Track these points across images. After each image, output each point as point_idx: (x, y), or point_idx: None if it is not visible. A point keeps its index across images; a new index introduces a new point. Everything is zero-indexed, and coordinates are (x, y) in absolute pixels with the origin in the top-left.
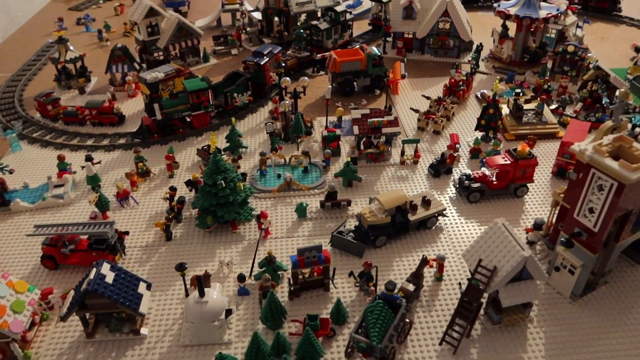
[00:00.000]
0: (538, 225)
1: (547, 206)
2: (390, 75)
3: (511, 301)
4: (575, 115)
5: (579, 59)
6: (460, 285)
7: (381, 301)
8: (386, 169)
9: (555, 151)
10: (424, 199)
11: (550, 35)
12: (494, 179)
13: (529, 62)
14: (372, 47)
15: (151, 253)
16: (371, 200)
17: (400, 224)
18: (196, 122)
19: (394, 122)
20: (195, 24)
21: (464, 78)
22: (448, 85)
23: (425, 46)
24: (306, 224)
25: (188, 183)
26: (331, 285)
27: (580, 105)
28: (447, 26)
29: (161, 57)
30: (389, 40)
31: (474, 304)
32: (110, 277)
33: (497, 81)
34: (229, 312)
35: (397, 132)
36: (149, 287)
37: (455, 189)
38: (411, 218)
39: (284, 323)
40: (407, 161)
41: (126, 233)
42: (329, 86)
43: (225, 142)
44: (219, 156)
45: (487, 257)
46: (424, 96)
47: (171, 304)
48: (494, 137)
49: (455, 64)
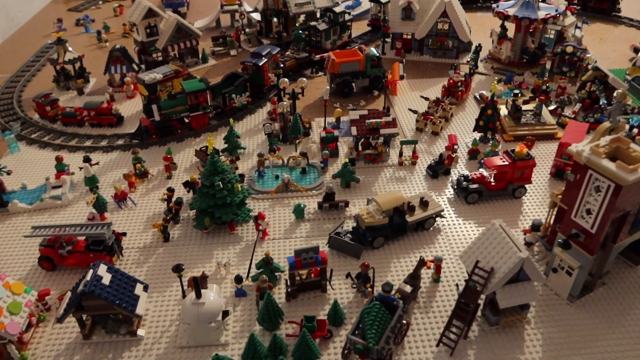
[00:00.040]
0: (536, 227)
1: (545, 207)
2: (389, 76)
3: (508, 302)
4: (573, 116)
5: (577, 59)
6: (457, 286)
7: (378, 302)
8: (384, 170)
9: (553, 152)
10: (421, 200)
11: (549, 36)
12: (492, 180)
13: (527, 63)
14: (370, 48)
15: (149, 254)
16: (369, 202)
17: (397, 225)
18: (194, 123)
19: (391, 123)
20: (194, 24)
21: (463, 79)
22: (446, 86)
23: (424, 47)
24: (304, 225)
25: (186, 184)
26: (328, 287)
27: (579, 106)
28: (446, 27)
29: (160, 58)
30: (388, 41)
31: (471, 306)
32: (107, 279)
33: (496, 82)
34: (225, 314)
35: (395, 133)
36: (145, 289)
37: (453, 190)
38: (409, 219)
39: (281, 324)
40: (405, 162)
41: (124, 234)
42: (327, 87)
43: (223, 143)
44: (217, 157)
45: (485, 259)
46: (423, 97)
47: (168, 305)
48: (492, 138)
49: (454, 64)
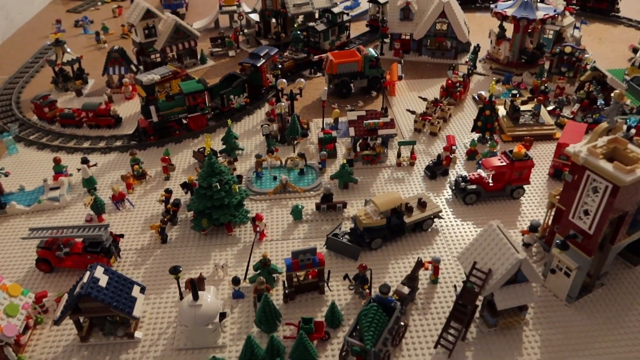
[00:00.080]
0: (534, 227)
1: (543, 208)
2: (387, 77)
3: (506, 304)
4: (572, 117)
5: (576, 60)
6: (455, 288)
7: (375, 304)
8: (382, 170)
9: (552, 152)
10: (419, 200)
11: (547, 36)
12: (490, 180)
13: (526, 63)
14: (369, 49)
15: (146, 256)
16: (366, 203)
17: (395, 226)
18: (192, 124)
19: (389, 124)
20: (193, 25)
21: (461, 79)
22: (445, 86)
23: (423, 47)
24: (302, 227)
25: (184, 185)
26: (326, 288)
27: (577, 106)
28: (445, 27)
29: (158, 59)
30: (387, 41)
31: (469, 307)
32: (103, 281)
33: (494, 82)
34: (223, 316)
35: (393, 134)
36: (143, 291)
37: (452, 190)
38: (407, 220)
39: (278, 326)
40: (403, 163)
41: (121, 236)
42: (325, 88)
43: (221, 144)
44: (214, 159)
45: (482, 260)
46: (421, 97)
47: (166, 307)
48: (491, 138)
49: (452, 65)
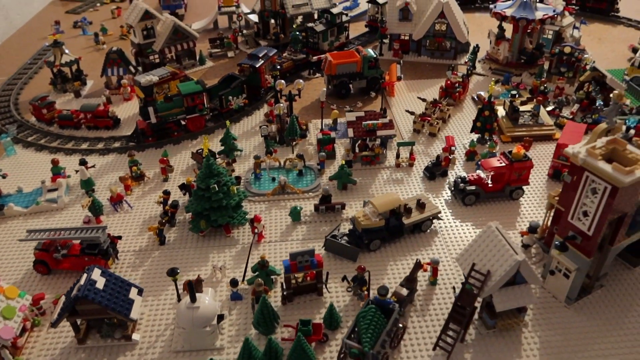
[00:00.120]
0: (533, 229)
1: (542, 209)
2: (386, 77)
3: (505, 306)
4: (571, 117)
5: (575, 60)
6: (454, 289)
7: (374, 306)
8: (381, 171)
9: (551, 153)
10: (418, 202)
11: (547, 37)
12: (489, 181)
13: (525, 64)
14: (367, 49)
15: (144, 257)
16: (365, 204)
17: (394, 228)
18: (191, 126)
19: (388, 125)
20: (192, 26)
21: (460, 80)
22: (444, 87)
23: (422, 48)
24: (300, 228)
25: (182, 187)
26: (324, 290)
27: (576, 106)
28: (444, 28)
29: (157, 60)
30: (386, 42)
31: (467, 309)
32: (101, 283)
33: (493, 83)
34: (220, 318)
35: (392, 135)
36: (140, 293)
37: (451, 191)
38: (405, 221)
39: (276, 328)
40: (402, 164)
41: (119, 238)
42: (324, 89)
43: (220, 146)
44: (212, 160)
45: (481, 261)
46: (420, 98)
47: (163, 309)
48: (490, 139)
49: (452, 65)
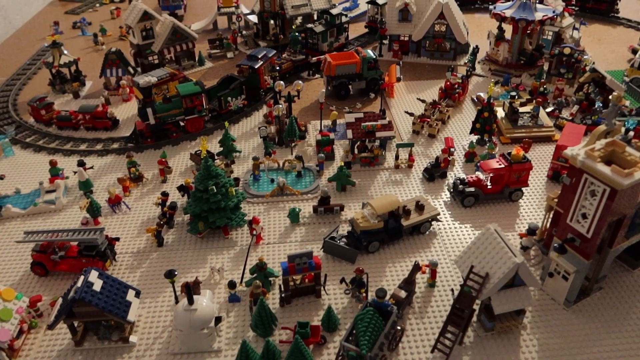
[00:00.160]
0: (532, 230)
1: (542, 210)
2: (386, 79)
3: (503, 308)
4: (571, 118)
5: (575, 61)
6: (452, 291)
7: (371, 308)
8: (380, 173)
9: (550, 154)
10: (417, 203)
11: (546, 38)
12: (489, 183)
13: (525, 65)
14: (367, 50)
15: (142, 259)
16: (364, 205)
17: (393, 229)
18: (190, 127)
19: (387, 126)
20: (191, 27)
21: (460, 81)
22: (444, 88)
23: (422, 49)
24: (299, 230)
25: (180, 188)
26: (322, 292)
27: (576, 107)
28: (443, 29)
29: (156, 61)
30: (385, 42)
31: (466, 311)
32: (98, 285)
33: (492, 84)
34: (218, 320)
35: (391, 136)
36: (137, 295)
37: (450, 193)
38: (404, 223)
39: (274, 330)
40: (401, 165)
41: (117, 239)
42: (323, 90)
43: (219, 147)
44: (210, 161)
45: (479, 264)
46: (419, 99)
47: (161, 311)
48: (489, 140)
49: (451, 66)
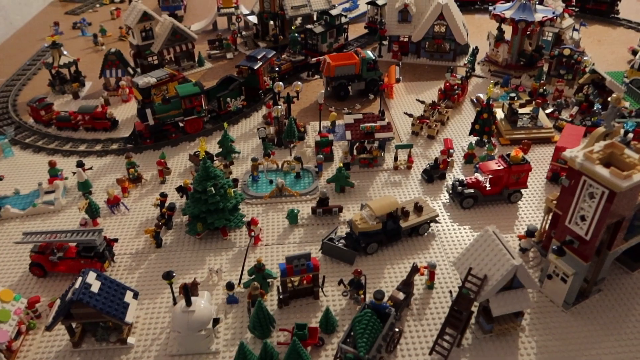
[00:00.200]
0: (530, 232)
1: (541, 212)
2: (385, 79)
3: (502, 310)
4: (570, 120)
5: (575, 62)
6: (451, 293)
7: (369, 310)
8: (379, 174)
9: (550, 156)
10: (416, 205)
11: (546, 39)
12: (487, 184)
13: (525, 66)
14: (366, 51)
15: (141, 260)
16: (362, 207)
17: (391, 231)
18: (189, 127)
19: (386, 127)
20: (191, 27)
21: (459, 82)
22: (443, 89)
23: (421, 49)
24: (297, 231)
25: (179, 189)
26: (321, 294)
27: (576, 109)
28: (443, 29)
29: (155, 62)
30: (385, 43)
31: (464, 313)
32: (96, 286)
33: (492, 85)
34: (216, 321)
35: (390, 137)
36: (135, 296)
37: (449, 194)
38: (403, 225)
39: (272, 332)
40: (400, 166)
41: (115, 240)
42: (322, 90)
43: (217, 148)
44: (209, 163)
45: (478, 266)
46: (419, 100)
47: (159, 312)
48: (488, 141)
49: (451, 67)
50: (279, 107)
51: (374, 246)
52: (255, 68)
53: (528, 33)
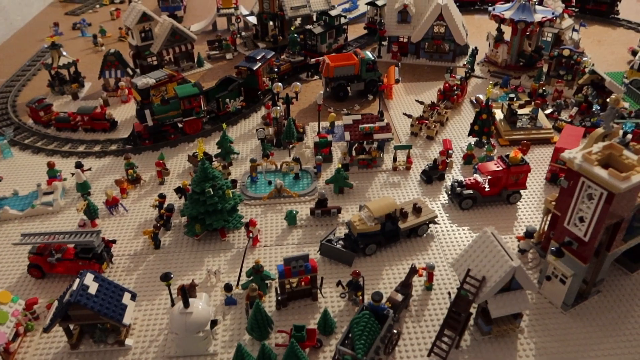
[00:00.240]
0: (529, 233)
1: (540, 213)
2: (384, 80)
3: (500, 312)
4: (570, 120)
5: (574, 63)
6: (449, 294)
7: (367, 312)
8: (378, 175)
9: (549, 157)
10: (414, 206)
11: (546, 39)
12: (486, 185)
13: (524, 66)
14: (365, 52)
15: (139, 261)
16: (361, 208)
17: (390, 232)
18: (188, 128)
19: (385, 128)
20: (190, 28)
21: (459, 82)
22: (442, 89)
23: (421, 50)
24: (296, 232)
25: (177, 190)
26: (319, 295)
27: (575, 109)
28: (442, 30)
29: (155, 62)
30: (384, 44)
31: (462, 315)
32: (93, 288)
33: (491, 86)
34: (214, 323)
35: (389, 138)
36: (133, 298)
37: (448, 195)
38: (401, 226)
39: (270, 334)
40: (399, 167)
41: (113, 241)
42: (321, 91)
43: (216, 148)
44: (207, 164)
45: (476, 267)
46: (418, 101)
47: (157, 313)
48: (488, 142)
49: (450, 68)
50: (278, 107)
51: (372, 247)
52: (255, 69)
53: (527, 34)
